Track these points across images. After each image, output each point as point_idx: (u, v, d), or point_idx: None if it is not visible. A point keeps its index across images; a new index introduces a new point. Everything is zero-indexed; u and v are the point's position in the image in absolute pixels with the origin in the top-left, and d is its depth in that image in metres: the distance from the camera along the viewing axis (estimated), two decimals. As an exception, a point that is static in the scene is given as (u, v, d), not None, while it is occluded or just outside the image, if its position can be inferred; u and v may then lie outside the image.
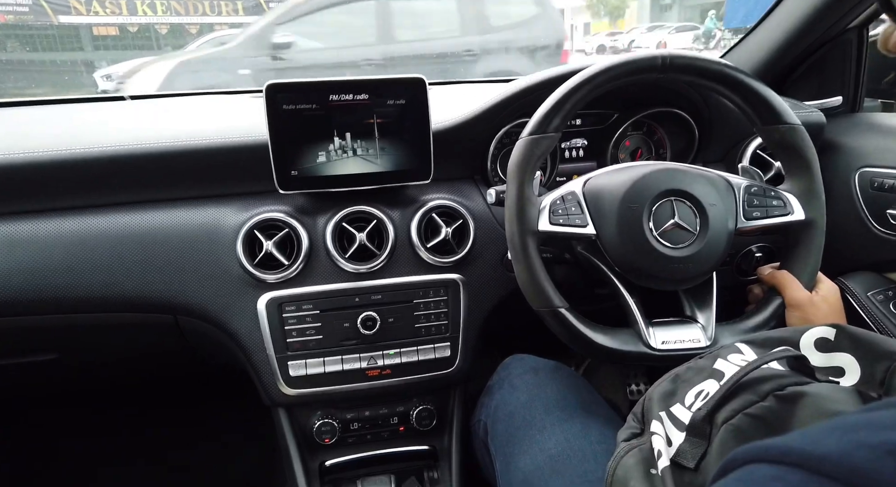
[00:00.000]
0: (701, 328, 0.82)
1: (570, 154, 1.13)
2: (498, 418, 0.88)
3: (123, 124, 1.06)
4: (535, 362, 0.95)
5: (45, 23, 9.55)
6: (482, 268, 1.01)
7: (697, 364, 0.63)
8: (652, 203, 0.79)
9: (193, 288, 0.92)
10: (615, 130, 1.10)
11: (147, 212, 0.93)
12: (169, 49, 7.34)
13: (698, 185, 0.80)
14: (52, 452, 1.49)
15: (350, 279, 0.95)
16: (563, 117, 0.80)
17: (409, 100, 0.92)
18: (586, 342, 0.79)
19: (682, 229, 0.79)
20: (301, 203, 0.97)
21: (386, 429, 1.05)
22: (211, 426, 1.55)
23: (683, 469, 0.53)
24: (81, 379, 1.27)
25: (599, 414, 0.84)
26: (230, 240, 0.92)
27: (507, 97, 0.99)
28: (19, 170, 0.88)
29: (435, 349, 0.99)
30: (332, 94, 0.89)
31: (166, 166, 0.93)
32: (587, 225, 0.81)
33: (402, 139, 0.94)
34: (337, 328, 0.94)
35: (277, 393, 0.95)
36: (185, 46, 8.14)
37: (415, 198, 1.00)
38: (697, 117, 1.07)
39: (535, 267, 0.79)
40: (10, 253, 0.88)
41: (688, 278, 0.81)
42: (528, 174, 0.80)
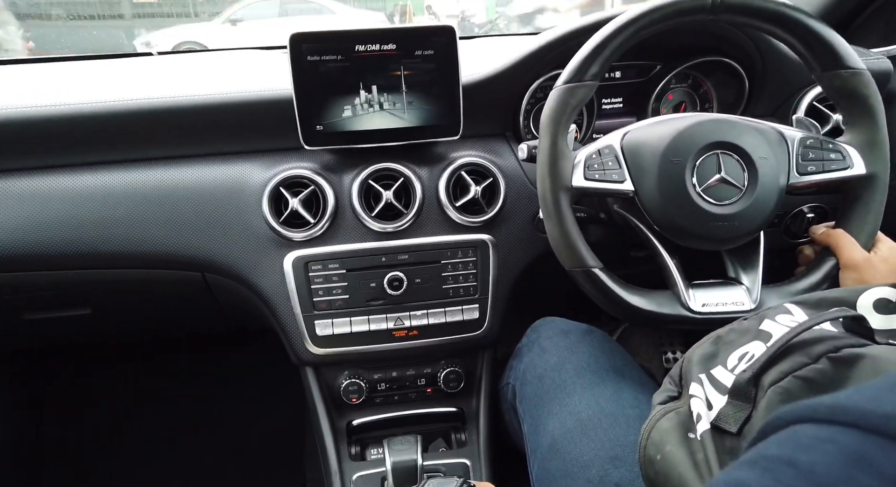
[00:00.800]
0: (745, 290, 0.77)
1: (608, 109, 1.07)
2: (527, 380, 0.86)
3: (151, 80, 1.05)
4: (566, 325, 0.92)
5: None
6: (512, 229, 0.97)
7: (742, 325, 0.59)
8: (696, 156, 0.74)
9: (220, 246, 0.92)
10: (657, 83, 1.03)
11: (174, 168, 0.93)
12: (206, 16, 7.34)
13: (747, 137, 0.74)
14: (85, 405, 1.55)
15: (376, 238, 0.93)
16: (602, 64, 0.75)
17: (437, 50, 0.88)
18: (621, 304, 0.75)
19: (728, 184, 0.74)
20: (327, 160, 0.95)
21: (413, 390, 1.04)
22: (241, 382, 1.58)
23: (725, 433, 0.50)
24: (114, 333, 1.30)
25: (632, 378, 0.81)
26: (256, 197, 0.91)
27: (541, 46, 0.93)
28: (48, 123, 0.88)
29: (463, 311, 0.96)
30: (357, 45, 0.86)
31: (191, 121, 0.92)
32: (625, 180, 0.76)
33: (431, 93, 0.90)
34: (363, 288, 0.93)
35: (305, 352, 0.95)
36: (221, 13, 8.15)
37: (443, 156, 0.96)
38: (749, 66, 0.99)
39: (568, 226, 0.75)
40: (44, 206, 0.88)
41: (733, 237, 0.76)
42: (562, 126, 0.75)
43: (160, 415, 1.54)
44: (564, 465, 0.71)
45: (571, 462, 0.70)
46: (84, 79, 1.07)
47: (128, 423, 1.53)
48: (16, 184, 0.89)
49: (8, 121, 0.87)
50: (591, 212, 0.93)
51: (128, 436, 1.51)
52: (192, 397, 1.56)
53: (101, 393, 1.56)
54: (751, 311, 0.74)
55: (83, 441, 1.50)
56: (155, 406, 1.55)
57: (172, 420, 1.53)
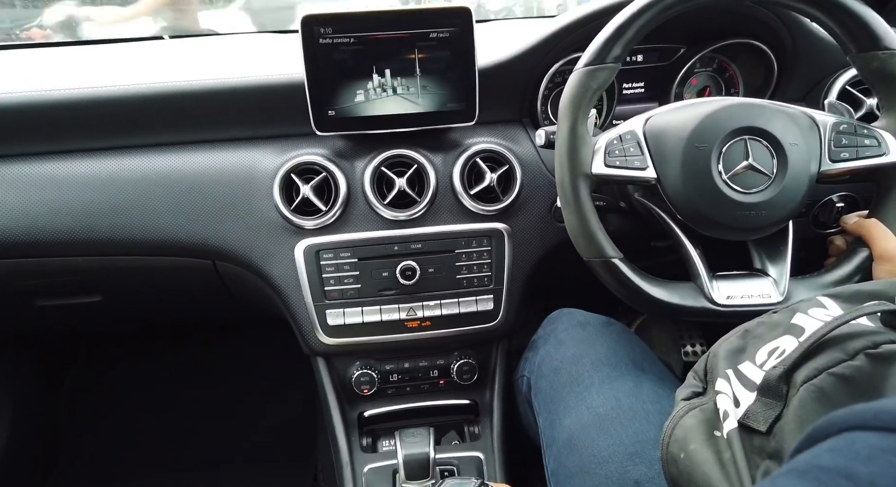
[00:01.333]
0: (772, 282, 0.74)
1: (629, 94, 1.03)
2: (542, 373, 0.84)
3: (162, 64, 1.03)
4: (584, 316, 0.90)
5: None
6: (529, 218, 0.95)
7: (772, 318, 0.56)
8: (722, 142, 0.70)
9: (230, 233, 0.91)
10: (680, 67, 0.99)
11: (185, 154, 0.92)
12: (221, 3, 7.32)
13: (777, 122, 0.71)
14: (99, 394, 1.56)
15: (389, 227, 0.91)
16: (625, 46, 0.72)
17: (453, 33, 0.85)
18: (641, 295, 0.73)
19: (756, 172, 0.70)
20: (339, 146, 0.93)
21: (426, 382, 1.02)
22: (254, 371, 1.58)
23: (753, 432, 0.47)
24: (125, 320, 1.30)
25: (653, 372, 0.78)
26: (267, 184, 0.89)
27: (560, 28, 0.90)
28: (60, 108, 0.87)
29: (477, 301, 0.94)
30: (371, 26, 0.83)
31: (202, 105, 0.90)
32: (647, 167, 0.73)
33: (446, 77, 0.87)
34: (375, 277, 0.91)
35: (316, 342, 0.93)
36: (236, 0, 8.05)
37: (458, 142, 0.94)
38: (778, 49, 0.95)
39: (587, 214, 0.73)
40: (56, 192, 0.88)
41: (760, 227, 0.72)
42: (582, 110, 0.72)
43: (172, 404, 1.54)
44: (581, 461, 0.69)
45: (589, 458, 0.68)
46: (96, 63, 1.06)
47: (140, 412, 1.54)
48: (29, 169, 0.88)
49: (21, 105, 0.86)
50: (610, 201, 0.90)
51: (140, 425, 1.52)
52: (205, 385, 1.57)
53: (114, 382, 1.57)
54: (778, 304, 0.71)
55: (97, 430, 1.51)
56: (168, 395, 1.55)
57: (184, 409, 1.53)
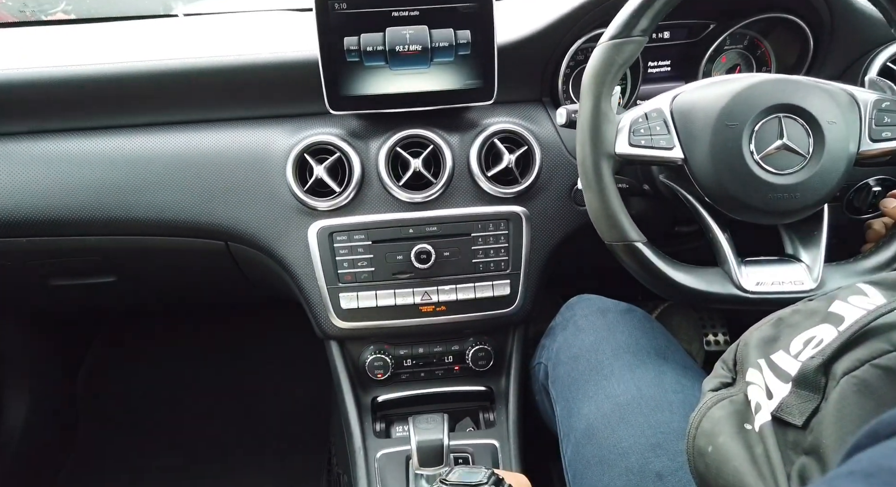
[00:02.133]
0: (805, 268, 0.70)
1: (654, 73, 0.99)
2: (560, 360, 0.81)
3: (177, 41, 1.02)
4: (604, 303, 0.87)
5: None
6: (548, 201, 0.92)
7: (808, 306, 0.52)
8: (755, 121, 0.67)
9: (243, 214, 0.89)
10: (709, 44, 0.95)
11: (197, 133, 0.90)
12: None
13: (814, 99, 0.67)
14: (114, 375, 1.57)
15: (404, 209, 0.89)
16: (653, 18, 0.68)
17: (472, 8, 0.82)
18: (666, 281, 0.70)
19: (790, 151, 0.67)
20: (353, 126, 0.91)
21: (440, 368, 1.00)
22: (269, 353, 1.58)
23: (787, 425, 0.44)
24: (138, 301, 1.30)
25: (675, 361, 0.75)
26: (280, 164, 0.88)
27: (584, 3, 0.86)
28: (71, 84, 0.86)
29: (493, 286, 0.92)
30: (387, 1, 0.80)
31: (216, 83, 0.89)
32: (674, 147, 0.70)
33: (464, 54, 0.84)
34: (389, 260, 0.89)
35: (329, 326, 0.92)
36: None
37: (475, 122, 0.91)
38: (815, 23, 0.90)
39: (610, 196, 0.70)
40: (71, 170, 0.87)
41: (793, 210, 0.69)
42: (606, 87, 0.69)
43: (187, 386, 1.55)
44: (601, 452, 0.66)
45: (609, 448, 0.66)
46: (110, 40, 1.04)
47: (155, 394, 1.55)
48: (43, 147, 0.88)
49: (35, 81, 0.85)
50: (632, 183, 0.87)
51: (155, 407, 1.53)
52: (219, 368, 1.57)
53: (130, 364, 1.58)
54: (811, 291, 0.68)
55: (113, 413, 1.53)
56: (182, 377, 1.56)
57: (198, 391, 1.54)
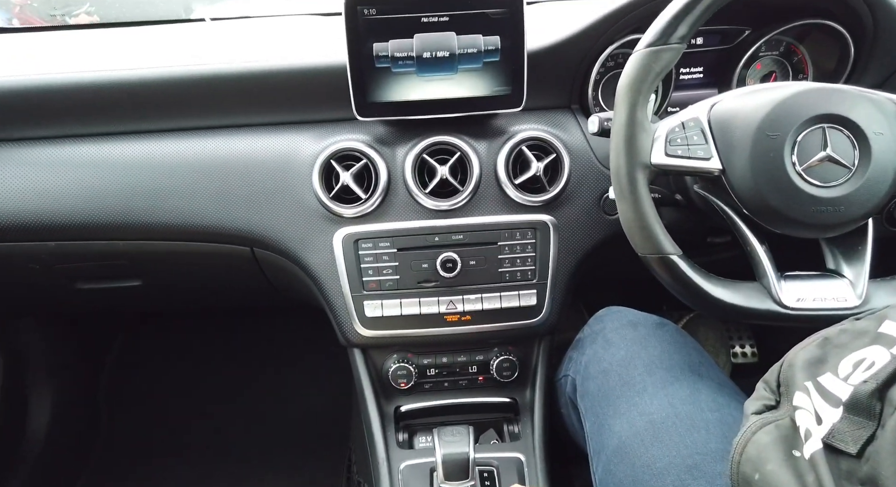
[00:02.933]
0: (848, 284, 0.68)
1: (687, 80, 0.97)
2: (589, 375, 0.80)
3: (203, 47, 1.02)
4: (634, 316, 0.85)
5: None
6: (576, 210, 0.90)
7: (856, 326, 0.50)
8: (797, 131, 0.64)
9: (269, 220, 0.89)
10: (745, 51, 0.92)
11: (224, 138, 0.90)
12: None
13: (861, 109, 0.64)
14: (137, 376, 1.58)
15: (430, 216, 0.88)
16: (692, 24, 0.66)
17: (502, 14, 0.80)
18: (702, 296, 0.68)
19: (835, 163, 0.64)
20: (380, 132, 0.90)
21: (464, 378, 0.99)
22: (291, 358, 1.58)
23: (840, 453, 0.42)
24: (163, 304, 1.31)
25: (710, 378, 0.73)
26: (306, 170, 0.87)
27: (618, 8, 0.84)
28: (98, 90, 0.86)
29: (520, 296, 0.90)
30: (416, 7, 0.79)
31: (243, 89, 0.89)
32: (711, 157, 0.68)
33: (493, 61, 0.83)
34: (415, 268, 0.88)
35: (353, 333, 0.91)
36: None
37: (503, 129, 0.90)
38: (856, 29, 0.87)
39: (645, 207, 0.68)
40: (99, 175, 0.87)
41: (837, 224, 0.66)
42: (642, 95, 0.67)
43: (209, 387, 1.55)
44: (633, 471, 0.64)
45: (642, 468, 0.64)
46: (137, 45, 1.05)
47: (178, 395, 1.56)
48: (70, 152, 0.88)
49: (61, 87, 0.85)
50: (664, 193, 0.85)
51: (178, 408, 1.54)
52: (242, 370, 1.57)
53: (153, 365, 1.59)
54: (855, 309, 0.65)
55: (136, 413, 1.54)
56: (205, 379, 1.57)
57: (221, 393, 1.54)
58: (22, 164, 0.88)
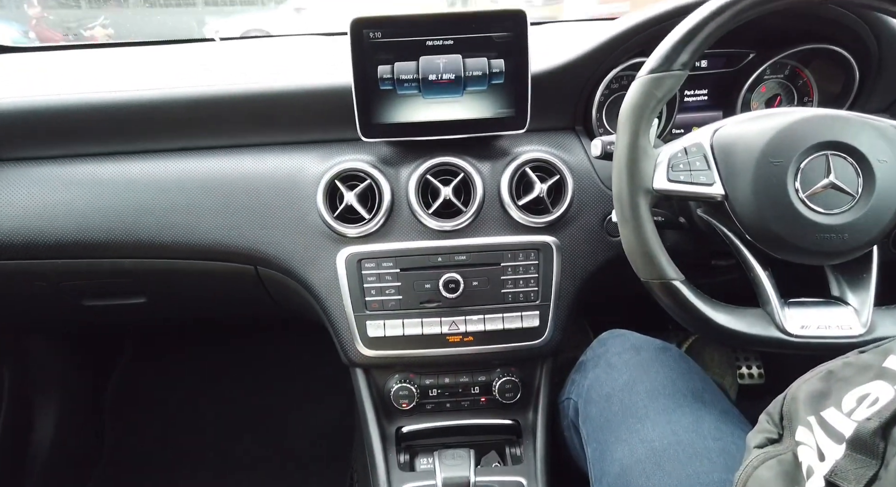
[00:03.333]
0: (853, 311, 0.67)
1: (691, 102, 0.97)
2: (591, 399, 0.79)
3: (213, 66, 1.03)
4: (637, 340, 0.84)
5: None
6: (580, 231, 0.90)
7: (860, 359, 0.50)
8: (801, 158, 0.64)
9: (273, 239, 0.89)
10: (749, 74, 0.93)
11: (230, 158, 0.91)
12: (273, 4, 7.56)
13: (864, 136, 0.64)
14: (142, 391, 1.58)
15: (433, 237, 0.88)
16: (694, 52, 0.66)
17: (506, 37, 0.81)
18: (705, 322, 0.67)
19: (838, 191, 0.64)
20: (384, 153, 0.90)
21: (466, 399, 0.98)
22: (293, 375, 1.58)
23: None
24: (167, 321, 1.31)
25: (714, 405, 0.72)
26: (311, 190, 0.88)
27: (622, 32, 0.85)
28: (107, 111, 0.87)
29: (522, 317, 0.90)
30: (421, 30, 0.80)
31: (250, 110, 0.90)
32: (714, 183, 0.68)
33: (496, 83, 0.83)
34: (417, 289, 0.88)
35: (355, 353, 0.91)
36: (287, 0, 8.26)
37: (506, 151, 0.90)
38: (861, 55, 0.87)
39: (647, 232, 0.68)
40: (106, 193, 0.89)
41: (842, 251, 0.66)
42: (644, 120, 0.67)
43: (212, 403, 1.55)
44: (635, 499, 0.64)
45: (643, 497, 0.63)
46: (148, 64, 1.07)
47: (181, 411, 1.56)
48: (79, 170, 0.89)
49: (69, 107, 0.87)
50: (668, 216, 0.84)
51: (181, 424, 1.54)
52: (245, 386, 1.58)
53: (157, 381, 1.60)
54: (860, 337, 0.65)
55: (140, 428, 1.54)
56: (208, 394, 1.57)
57: (223, 409, 1.54)
58: (31, 183, 0.89)
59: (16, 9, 3.28)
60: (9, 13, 3.66)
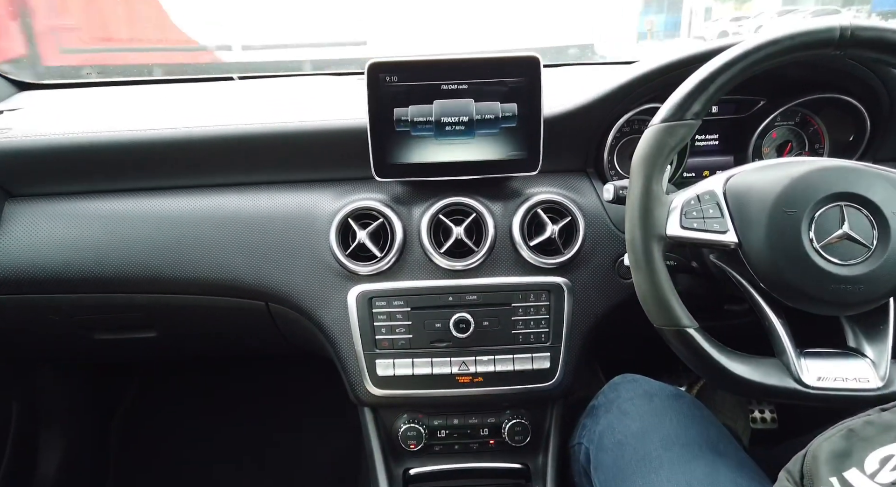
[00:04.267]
0: (870, 364, 0.66)
1: (703, 146, 0.98)
2: (604, 446, 0.78)
3: (231, 105, 1.06)
4: (650, 386, 0.83)
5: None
6: (591, 273, 0.90)
7: (882, 418, 0.49)
8: (815, 208, 0.64)
9: (285, 276, 0.90)
10: (760, 120, 0.94)
11: (247, 195, 0.92)
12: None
13: (878, 188, 0.64)
14: (148, 424, 1.57)
15: (444, 276, 0.88)
16: (706, 102, 0.67)
17: (519, 82, 0.83)
18: (720, 371, 0.66)
19: (853, 242, 0.64)
20: (397, 192, 0.91)
21: (475, 441, 0.97)
22: (301, 409, 1.56)
23: None
24: (177, 354, 1.31)
25: (729, 456, 0.71)
26: (324, 228, 0.89)
27: (636, 78, 0.86)
28: (124, 149, 0.89)
29: (533, 359, 0.89)
30: (436, 75, 0.82)
31: (266, 148, 0.91)
32: (727, 231, 0.68)
33: (509, 125, 0.85)
34: (428, 328, 0.88)
35: (364, 392, 0.90)
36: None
37: (518, 192, 0.91)
38: (872, 105, 0.88)
39: (660, 278, 0.68)
40: (125, 229, 0.90)
41: (857, 302, 0.65)
42: (657, 168, 0.68)
43: (219, 437, 1.54)
44: (649, 555, 0.62)
45: (658, 552, 0.61)
46: (167, 102, 1.09)
47: (187, 444, 1.54)
48: (97, 206, 0.91)
49: (89, 145, 0.89)
50: (681, 260, 0.84)
51: (187, 457, 1.52)
52: (252, 420, 1.56)
53: (164, 414, 1.59)
54: (877, 391, 0.64)
55: (146, 461, 1.52)
56: (214, 428, 1.55)
57: (230, 443, 1.53)
58: (49, 218, 0.90)
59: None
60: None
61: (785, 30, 0.65)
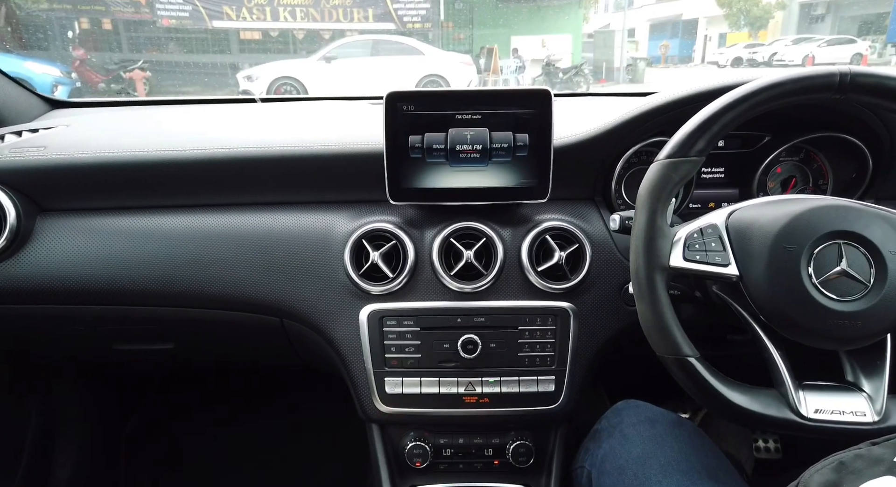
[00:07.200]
0: (867, 399, 0.68)
1: (708, 179, 1.01)
2: (605, 470, 0.79)
3: (253, 127, 1.10)
4: (652, 412, 0.85)
5: (201, 27, 10.87)
6: (597, 299, 0.92)
7: (872, 452, 0.51)
8: (814, 245, 0.67)
9: (302, 293, 0.93)
10: (765, 156, 0.96)
11: (266, 215, 0.96)
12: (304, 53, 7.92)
13: (876, 228, 0.67)
14: (158, 437, 1.59)
15: (453, 298, 0.91)
16: (710, 140, 0.70)
17: (531, 113, 0.86)
18: (720, 400, 0.68)
19: (850, 279, 0.66)
20: (410, 215, 0.94)
21: (479, 460, 0.99)
22: (310, 425, 1.58)
23: None
24: (192, 366, 1.34)
25: (727, 485, 0.72)
26: (339, 248, 0.92)
27: (643, 112, 0.89)
28: (148, 168, 0.93)
29: (538, 382, 0.91)
30: (451, 105, 0.85)
31: (286, 170, 0.95)
32: (729, 264, 0.70)
33: (521, 155, 0.88)
34: (436, 348, 0.90)
35: (372, 409, 0.93)
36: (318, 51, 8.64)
37: (528, 218, 0.94)
38: (874, 145, 0.90)
39: (663, 308, 0.70)
40: (148, 244, 0.94)
41: (855, 338, 0.67)
42: (661, 202, 0.71)
43: (226, 451, 1.56)
44: None
45: None
46: (192, 122, 1.13)
47: (199, 452, 1.56)
48: (119, 222, 0.95)
49: (116, 164, 0.93)
50: (684, 290, 0.86)
51: (197, 470, 1.54)
52: (262, 429, 1.58)
53: (175, 426, 1.61)
54: (873, 425, 0.65)
55: (156, 474, 1.54)
56: (222, 442, 1.57)
57: (238, 458, 1.55)
58: (77, 233, 0.94)
59: (61, 50, 3.51)
60: (53, 54, 3.89)
61: (788, 74, 0.68)
